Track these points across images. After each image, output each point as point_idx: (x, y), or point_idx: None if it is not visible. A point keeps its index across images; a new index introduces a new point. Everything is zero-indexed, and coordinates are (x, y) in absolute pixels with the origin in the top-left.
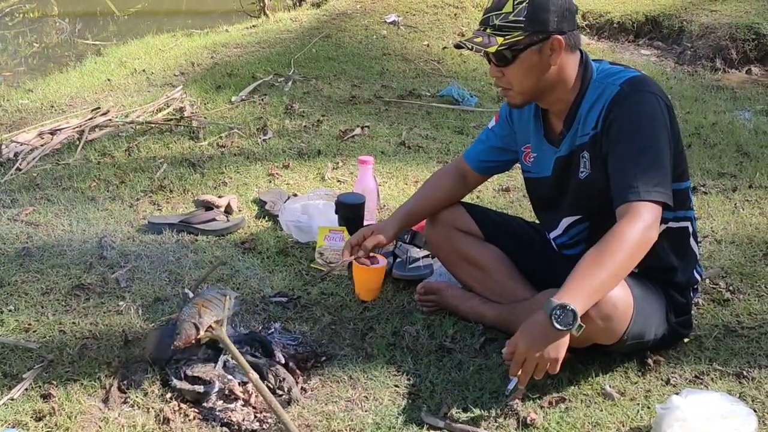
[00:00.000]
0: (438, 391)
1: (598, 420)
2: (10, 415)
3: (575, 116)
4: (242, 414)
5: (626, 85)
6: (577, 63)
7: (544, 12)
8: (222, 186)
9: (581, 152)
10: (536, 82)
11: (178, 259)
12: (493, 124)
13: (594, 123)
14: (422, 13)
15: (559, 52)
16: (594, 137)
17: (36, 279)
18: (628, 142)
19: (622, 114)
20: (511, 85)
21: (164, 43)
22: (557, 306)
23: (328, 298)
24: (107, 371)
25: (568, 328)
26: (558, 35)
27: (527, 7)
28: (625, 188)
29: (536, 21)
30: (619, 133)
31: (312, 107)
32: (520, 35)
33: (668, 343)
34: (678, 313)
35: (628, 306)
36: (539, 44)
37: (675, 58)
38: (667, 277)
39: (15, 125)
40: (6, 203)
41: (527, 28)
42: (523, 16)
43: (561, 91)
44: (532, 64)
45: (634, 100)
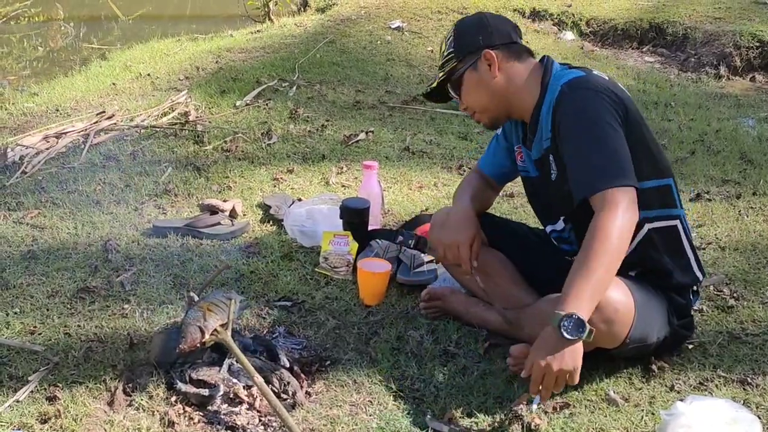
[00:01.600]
0: (442, 396)
1: (602, 426)
2: (15, 417)
3: (537, 121)
4: (247, 417)
5: (566, 86)
6: (530, 70)
7: (468, 36)
8: (226, 190)
9: (549, 155)
10: (489, 97)
11: (183, 263)
12: (500, 130)
13: (550, 126)
14: (426, 19)
15: (495, 64)
16: (553, 140)
17: (41, 282)
18: (576, 139)
19: (564, 115)
20: (474, 108)
21: (169, 47)
22: (563, 317)
23: (332, 302)
24: (112, 374)
25: (578, 337)
26: (488, 49)
27: (453, 39)
28: (586, 184)
29: (463, 45)
30: (566, 133)
31: (316, 112)
32: (454, 62)
33: (671, 345)
34: (680, 316)
35: (629, 309)
36: (473, 63)
37: (679, 65)
38: (665, 279)
39: (20, 128)
40: (11, 206)
41: (458, 55)
42: (452, 47)
43: (521, 100)
44: (475, 82)
45: (571, 99)
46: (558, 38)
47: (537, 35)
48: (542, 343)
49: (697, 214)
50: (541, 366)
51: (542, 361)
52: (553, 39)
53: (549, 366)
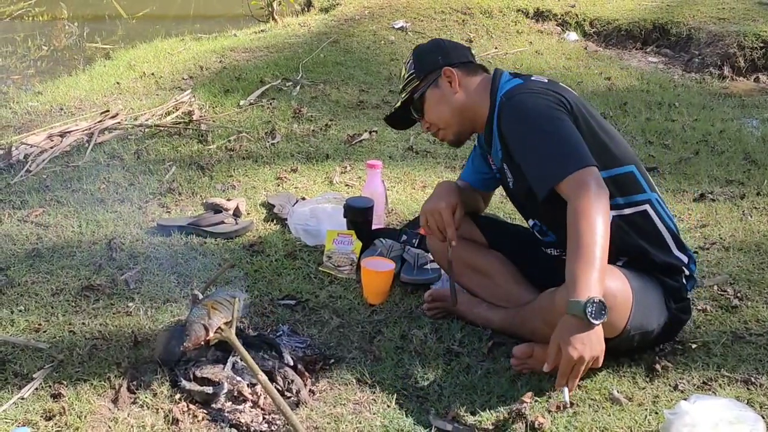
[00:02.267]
0: (446, 395)
1: (605, 425)
2: (20, 414)
3: (491, 134)
4: (251, 415)
5: (503, 97)
6: (483, 85)
7: (427, 56)
8: (230, 189)
9: (503, 164)
10: (451, 112)
11: (187, 261)
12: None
13: (499, 137)
14: (430, 19)
15: (455, 79)
16: (504, 149)
17: (46, 280)
18: (524, 140)
19: (507, 122)
20: (436, 125)
21: (173, 46)
22: (587, 303)
23: (336, 301)
24: (117, 372)
25: (603, 319)
26: (447, 66)
27: (413, 62)
28: (548, 176)
29: (423, 65)
30: (514, 137)
31: (320, 112)
32: (415, 83)
33: (671, 331)
34: (675, 299)
35: (627, 296)
36: (434, 81)
37: (683, 65)
38: (647, 263)
39: (24, 127)
40: (16, 204)
41: (419, 75)
42: (413, 68)
43: (479, 114)
44: (437, 99)
45: (510, 107)
46: (562, 39)
47: (540, 36)
48: (566, 334)
49: (700, 214)
50: (573, 357)
51: (574, 352)
52: (557, 39)
53: (582, 356)
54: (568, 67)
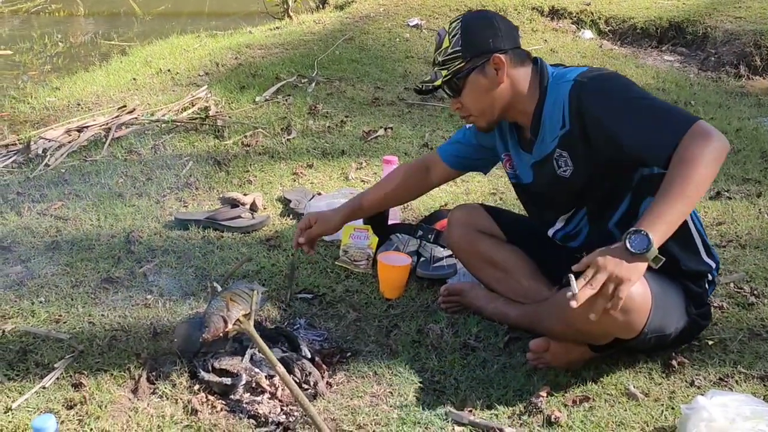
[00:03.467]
0: (462, 388)
1: (622, 419)
2: (42, 403)
3: (540, 122)
4: (269, 406)
5: (579, 76)
6: (529, 74)
7: (478, 37)
8: (247, 184)
9: (555, 154)
10: (491, 101)
11: (205, 255)
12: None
13: (560, 123)
14: (445, 17)
15: (503, 69)
16: (566, 135)
17: (65, 272)
18: (626, 114)
19: (595, 97)
20: (469, 111)
21: (188, 43)
22: (632, 231)
23: (352, 295)
24: (136, 362)
25: (641, 252)
26: (498, 53)
27: (461, 37)
28: (667, 141)
29: (472, 46)
30: (608, 113)
31: (335, 108)
32: (460, 63)
33: (688, 336)
34: (697, 305)
35: (646, 298)
36: (481, 66)
37: (698, 64)
38: (674, 267)
39: (42, 122)
40: (35, 198)
41: (465, 55)
42: (459, 45)
43: (520, 104)
44: (481, 86)
45: (597, 82)
46: (577, 37)
47: (555, 34)
48: (607, 249)
49: (717, 212)
50: (598, 262)
51: (600, 258)
52: (572, 38)
53: (605, 264)
54: (583, 65)
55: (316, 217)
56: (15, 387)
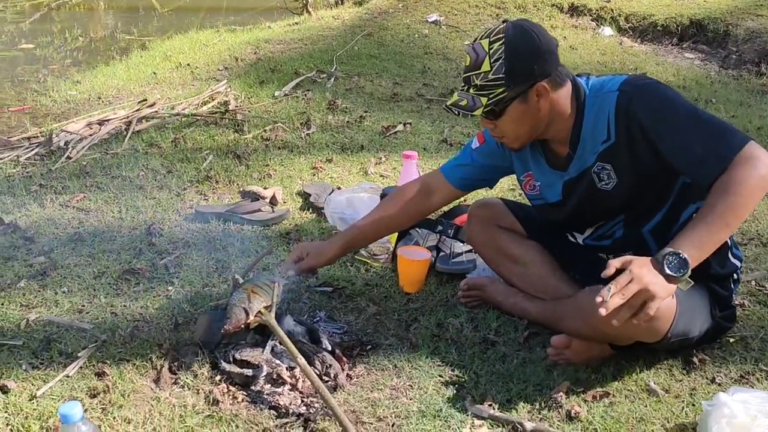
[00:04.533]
0: (482, 383)
1: (642, 415)
2: (66, 391)
3: (579, 137)
4: (289, 398)
5: (624, 86)
6: (569, 93)
7: (522, 63)
8: (267, 178)
9: (594, 167)
10: (530, 127)
11: (225, 248)
12: (477, 144)
13: (605, 135)
14: (464, 13)
15: (546, 96)
16: (612, 147)
17: (88, 263)
18: (673, 127)
19: (644, 108)
20: (505, 135)
21: (208, 38)
22: (670, 252)
23: (372, 289)
24: (158, 353)
25: (677, 275)
26: (541, 80)
27: (504, 63)
28: (710, 167)
29: (516, 74)
30: (655, 124)
31: (354, 103)
32: (503, 91)
33: (712, 337)
34: (722, 307)
35: (670, 305)
36: (524, 94)
37: (719, 62)
38: (704, 272)
39: (64, 115)
40: (57, 190)
41: (508, 84)
42: (502, 73)
43: (558, 123)
44: (521, 114)
45: (644, 93)
46: (596, 34)
47: (575, 31)
48: (645, 262)
49: None
50: (633, 271)
51: (637, 269)
52: (592, 35)
53: (641, 276)
54: (602, 62)
55: (309, 248)
56: (39, 375)
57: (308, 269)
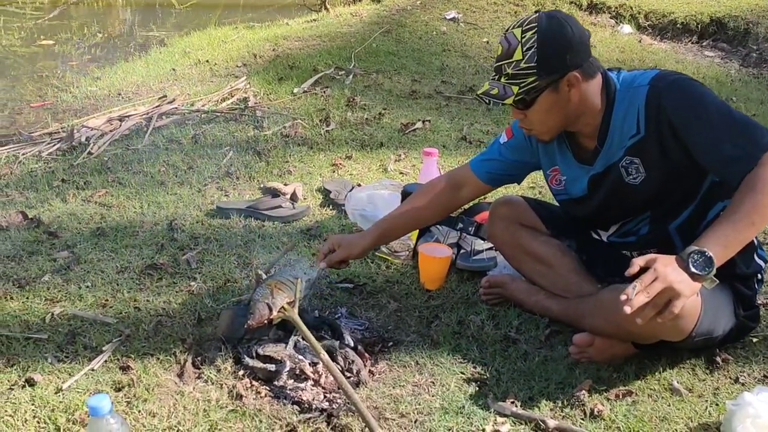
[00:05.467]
0: (504, 380)
1: (665, 414)
2: (91, 384)
3: (607, 131)
4: (312, 393)
5: (654, 81)
6: (599, 86)
7: (555, 53)
8: (287, 174)
9: (622, 162)
10: (560, 118)
11: (246, 243)
12: (505, 139)
13: (635, 129)
14: (482, 11)
15: (578, 87)
16: (641, 142)
17: (111, 258)
18: (703, 123)
19: (674, 104)
20: (535, 126)
21: (226, 34)
22: (695, 251)
23: (393, 285)
24: (182, 347)
25: (702, 273)
26: (573, 70)
27: (536, 52)
28: (738, 165)
29: (548, 64)
30: (685, 120)
31: (373, 100)
32: (534, 80)
33: (736, 337)
34: (745, 307)
35: (696, 304)
36: (555, 84)
37: (740, 60)
38: (729, 270)
39: (84, 111)
40: (80, 185)
41: (540, 73)
42: (534, 61)
43: (588, 117)
44: (552, 104)
45: (675, 88)
46: (615, 31)
47: (594, 28)
48: (669, 260)
49: None
50: (658, 270)
51: (661, 267)
52: (610, 32)
53: (666, 274)
54: (621, 60)
55: (341, 241)
56: (65, 368)
57: (340, 261)
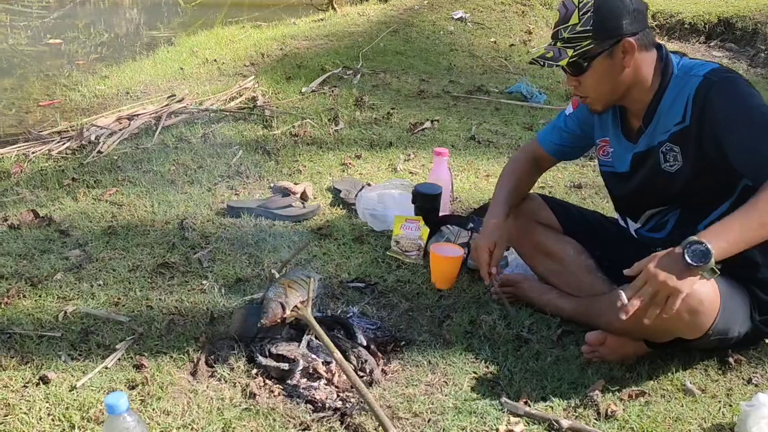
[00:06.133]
0: (516, 380)
1: (678, 415)
2: (105, 382)
3: (654, 113)
4: (325, 392)
5: (711, 74)
6: (654, 60)
7: (611, 17)
8: (296, 174)
9: (663, 147)
10: (612, 86)
11: (257, 242)
12: (571, 110)
13: (680, 117)
14: (489, 10)
15: (632, 54)
16: (684, 131)
17: (122, 256)
18: (744, 123)
19: (720, 100)
20: (588, 93)
21: (234, 34)
22: (693, 241)
23: (404, 285)
24: (195, 346)
25: (698, 265)
26: (628, 37)
27: (593, 16)
28: (763, 167)
29: (604, 28)
30: (726, 117)
31: (381, 100)
32: (589, 44)
33: (750, 341)
34: (761, 312)
35: (714, 301)
36: (610, 49)
37: (748, 60)
38: (750, 273)
39: (93, 110)
40: (90, 183)
41: (596, 36)
42: (590, 25)
43: (639, 91)
44: (606, 70)
45: (725, 85)
46: None
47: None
48: (663, 257)
49: None
50: (649, 271)
51: (652, 268)
52: None
53: (656, 275)
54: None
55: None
56: (78, 366)
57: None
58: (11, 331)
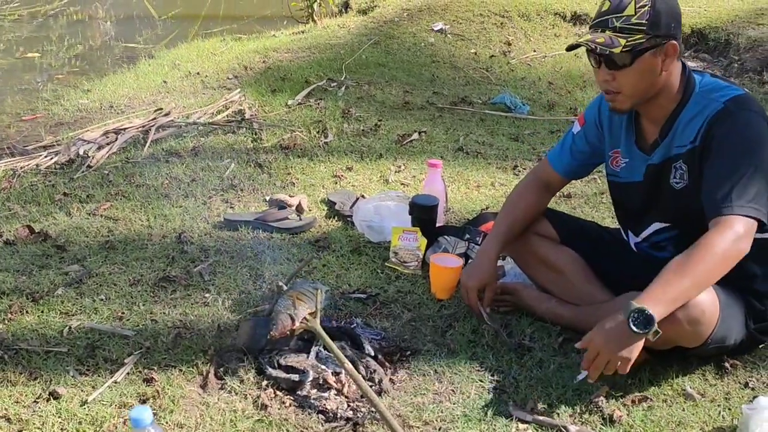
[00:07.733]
0: (522, 387)
1: (681, 419)
2: (115, 396)
3: (672, 126)
4: (336, 402)
5: (731, 103)
6: (680, 72)
7: (665, 17)
8: (290, 186)
9: (674, 162)
10: (648, 85)
11: (256, 255)
12: (578, 128)
13: (693, 136)
14: (469, 22)
15: (673, 58)
16: (692, 150)
17: (122, 271)
18: (728, 158)
19: (726, 131)
20: (621, 89)
21: (215, 46)
22: (636, 309)
23: (405, 296)
24: (203, 359)
25: (643, 332)
26: (674, 41)
27: (650, 11)
28: (719, 201)
29: (657, 25)
30: (719, 148)
31: (367, 112)
32: (641, 38)
33: (745, 348)
34: (756, 320)
35: (714, 311)
36: (657, 48)
37: (722, 70)
38: (747, 284)
39: (77, 124)
40: (82, 198)
41: (649, 32)
42: (645, 19)
43: (664, 99)
44: (648, 67)
45: (738, 119)
46: None
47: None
48: (607, 325)
49: None
50: (597, 345)
51: (600, 341)
52: None
53: (605, 348)
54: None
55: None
56: (87, 381)
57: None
58: (17, 347)
